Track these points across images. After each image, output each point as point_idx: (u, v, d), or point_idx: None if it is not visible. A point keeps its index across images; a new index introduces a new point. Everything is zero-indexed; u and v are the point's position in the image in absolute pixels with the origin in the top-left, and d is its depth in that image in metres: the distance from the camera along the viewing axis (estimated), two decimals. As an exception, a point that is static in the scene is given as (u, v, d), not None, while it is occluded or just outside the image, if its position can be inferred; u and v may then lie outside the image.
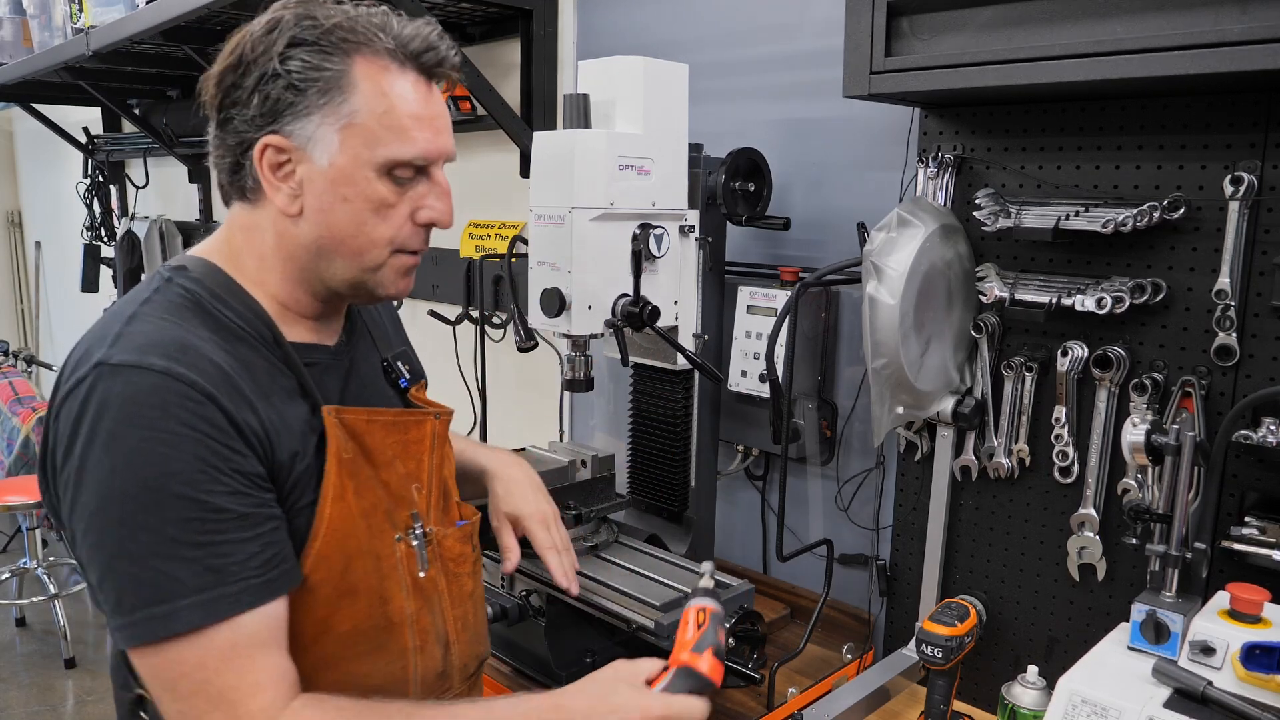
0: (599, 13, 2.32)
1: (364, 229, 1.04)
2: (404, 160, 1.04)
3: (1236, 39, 1.08)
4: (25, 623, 4.24)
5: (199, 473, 0.92)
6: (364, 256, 1.06)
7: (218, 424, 0.94)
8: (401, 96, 1.03)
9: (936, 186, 1.58)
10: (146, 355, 0.93)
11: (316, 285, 1.09)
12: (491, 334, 2.63)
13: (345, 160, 1.02)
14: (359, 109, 1.01)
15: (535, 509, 1.42)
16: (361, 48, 1.01)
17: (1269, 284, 1.30)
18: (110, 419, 0.91)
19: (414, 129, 1.04)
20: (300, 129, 1.00)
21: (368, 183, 1.03)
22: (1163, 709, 1.10)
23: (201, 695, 0.93)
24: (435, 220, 1.09)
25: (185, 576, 0.91)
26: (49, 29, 3.26)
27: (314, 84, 0.99)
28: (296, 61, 0.99)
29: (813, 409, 1.85)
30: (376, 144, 1.02)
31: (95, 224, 4.74)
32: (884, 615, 1.80)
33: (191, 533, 0.92)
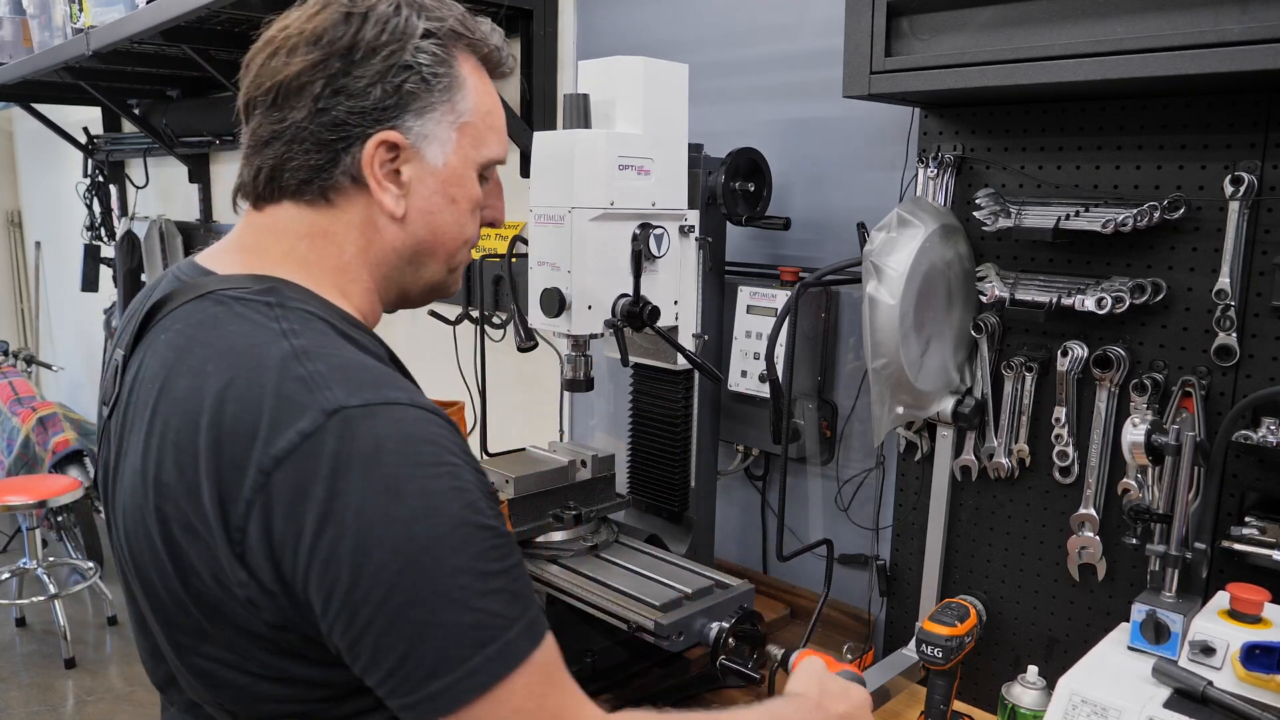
0: (599, 13, 2.32)
1: (464, 230, 1.02)
2: (497, 159, 1.03)
3: (1236, 39, 1.08)
4: (25, 623, 4.24)
5: (480, 498, 0.84)
6: (455, 258, 1.04)
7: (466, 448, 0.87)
8: (493, 95, 1.02)
9: (936, 186, 1.58)
10: (381, 391, 0.84)
11: (393, 292, 1.03)
12: (491, 334, 2.63)
13: (458, 160, 0.98)
14: (470, 108, 0.98)
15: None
16: (462, 44, 0.97)
17: (1269, 284, 1.30)
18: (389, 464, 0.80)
19: (502, 130, 1.03)
20: (419, 125, 0.94)
21: (473, 183, 1.01)
22: (1163, 709, 1.10)
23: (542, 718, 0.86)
24: (495, 219, 1.07)
25: (506, 609, 0.83)
26: (49, 29, 3.26)
27: (440, 79, 0.94)
28: (427, 55, 0.93)
29: (813, 409, 1.85)
30: (481, 144, 1.00)
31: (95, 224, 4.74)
32: (884, 615, 1.80)
33: (498, 561, 0.83)
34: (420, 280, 1.03)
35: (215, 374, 0.85)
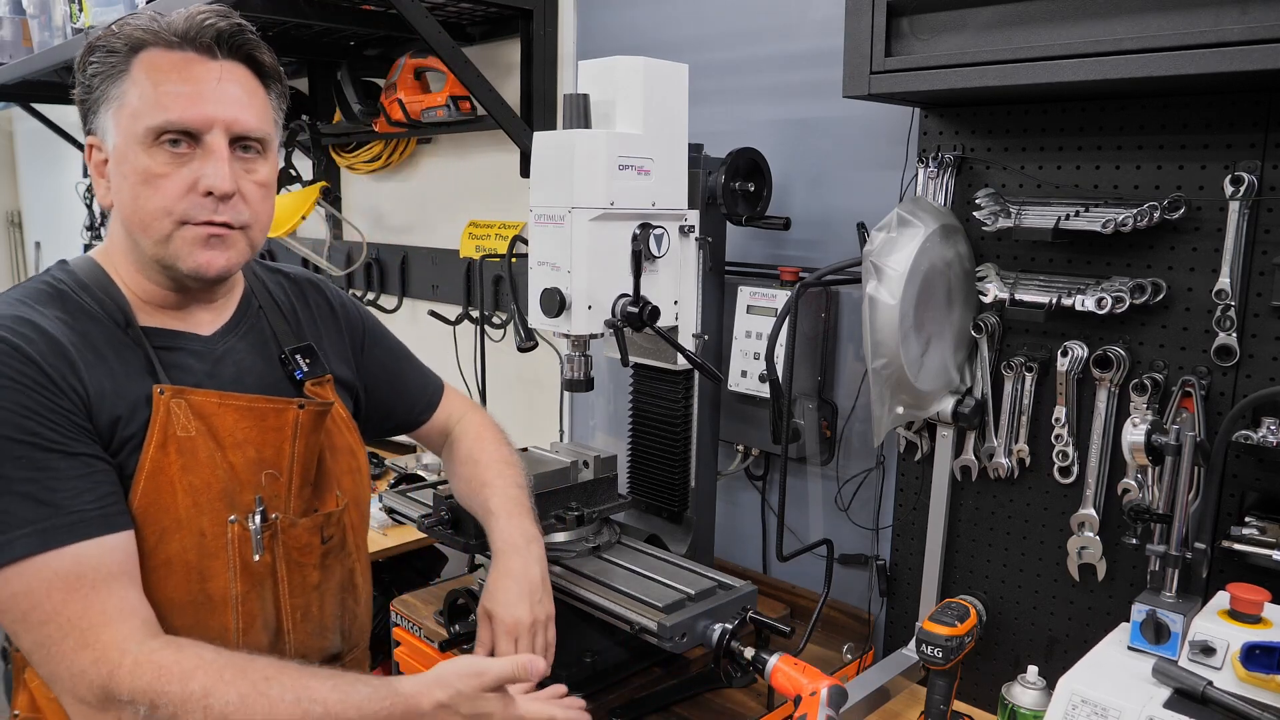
0: (599, 13, 2.32)
1: (139, 202, 1.10)
2: (157, 126, 1.08)
3: (1236, 39, 1.08)
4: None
5: (24, 417, 1.01)
6: (149, 230, 1.11)
7: (40, 381, 1.03)
8: (163, 71, 1.09)
9: (936, 186, 1.58)
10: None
11: (149, 269, 1.16)
12: (491, 334, 2.63)
13: (121, 139, 1.09)
14: (128, 91, 1.09)
15: (510, 616, 1.30)
16: (147, 43, 1.09)
17: (1269, 284, 1.30)
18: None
19: (170, 98, 1.08)
20: (99, 124, 1.12)
21: (135, 156, 1.09)
22: (1163, 709, 1.10)
23: (52, 624, 1.00)
24: (210, 186, 1.10)
25: (18, 509, 0.99)
26: (49, 29, 3.26)
27: (101, 80, 1.10)
28: (93, 65, 1.10)
29: (813, 409, 1.85)
30: (138, 118, 1.08)
31: (95, 224, 4.73)
32: (884, 615, 1.80)
33: (21, 469, 1.00)
34: (148, 255, 1.14)
35: None
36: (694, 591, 1.47)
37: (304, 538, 1.24)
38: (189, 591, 1.13)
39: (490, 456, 1.50)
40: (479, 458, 1.50)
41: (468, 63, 2.16)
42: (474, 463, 1.49)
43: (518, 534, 1.38)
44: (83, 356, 1.07)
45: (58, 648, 1.01)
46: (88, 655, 1.00)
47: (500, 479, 1.45)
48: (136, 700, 1.00)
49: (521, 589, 1.33)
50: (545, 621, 1.34)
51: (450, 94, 2.45)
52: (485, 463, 1.49)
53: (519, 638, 1.31)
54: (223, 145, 1.11)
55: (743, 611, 1.45)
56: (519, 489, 1.46)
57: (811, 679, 1.22)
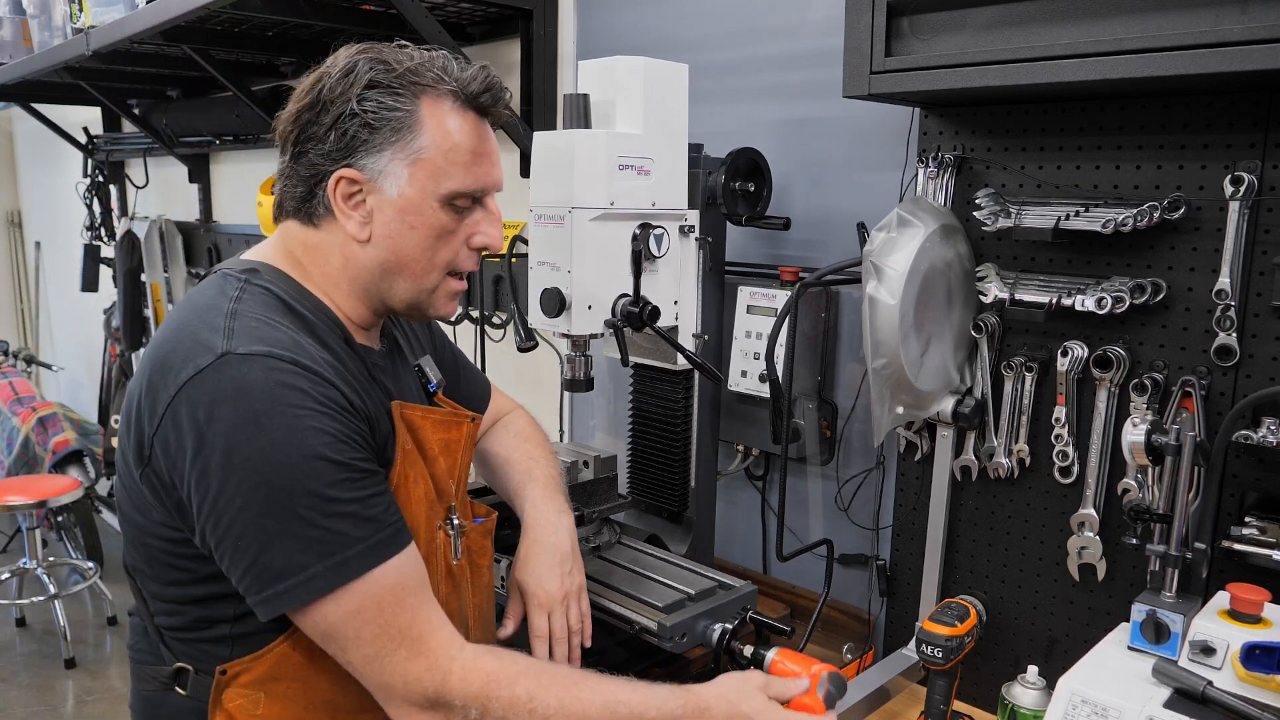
0: (599, 13, 2.32)
1: (426, 254, 1.15)
2: (464, 192, 1.14)
3: (1236, 39, 1.08)
4: (25, 623, 4.24)
5: (342, 442, 1.03)
6: (424, 279, 1.17)
7: (342, 405, 1.06)
8: (463, 133, 1.13)
9: (936, 186, 1.58)
10: (272, 346, 1.04)
11: (375, 302, 1.19)
12: (491, 334, 2.63)
13: (414, 192, 1.12)
14: (426, 145, 1.11)
15: (541, 590, 1.33)
16: (428, 89, 1.11)
17: (1269, 284, 1.30)
18: (257, 400, 1.00)
19: (473, 164, 1.14)
20: (373, 163, 1.11)
21: (433, 213, 1.13)
22: (1163, 709, 1.10)
23: (385, 636, 1.04)
24: (488, 244, 1.18)
25: (350, 529, 1.02)
26: (49, 29, 3.26)
27: (387, 123, 1.10)
28: (371, 102, 1.09)
29: (813, 409, 1.85)
30: (441, 177, 1.12)
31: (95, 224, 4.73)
32: (884, 615, 1.80)
33: (347, 491, 1.03)
34: (396, 295, 1.18)
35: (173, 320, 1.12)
36: (694, 591, 1.47)
37: (480, 541, 1.31)
38: None
39: (540, 441, 1.56)
40: (531, 437, 1.56)
41: (468, 63, 2.16)
42: (526, 439, 1.55)
43: (550, 506, 1.42)
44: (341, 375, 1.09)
45: (391, 659, 1.04)
46: (421, 663, 1.05)
47: (547, 462, 1.52)
48: (468, 704, 1.05)
49: (553, 559, 1.36)
50: (577, 593, 1.37)
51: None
52: (536, 442, 1.55)
53: (551, 611, 1.33)
54: (496, 206, 1.19)
55: (743, 611, 1.45)
56: (561, 475, 1.53)
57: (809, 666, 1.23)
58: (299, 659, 1.12)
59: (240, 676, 1.12)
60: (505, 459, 1.53)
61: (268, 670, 1.12)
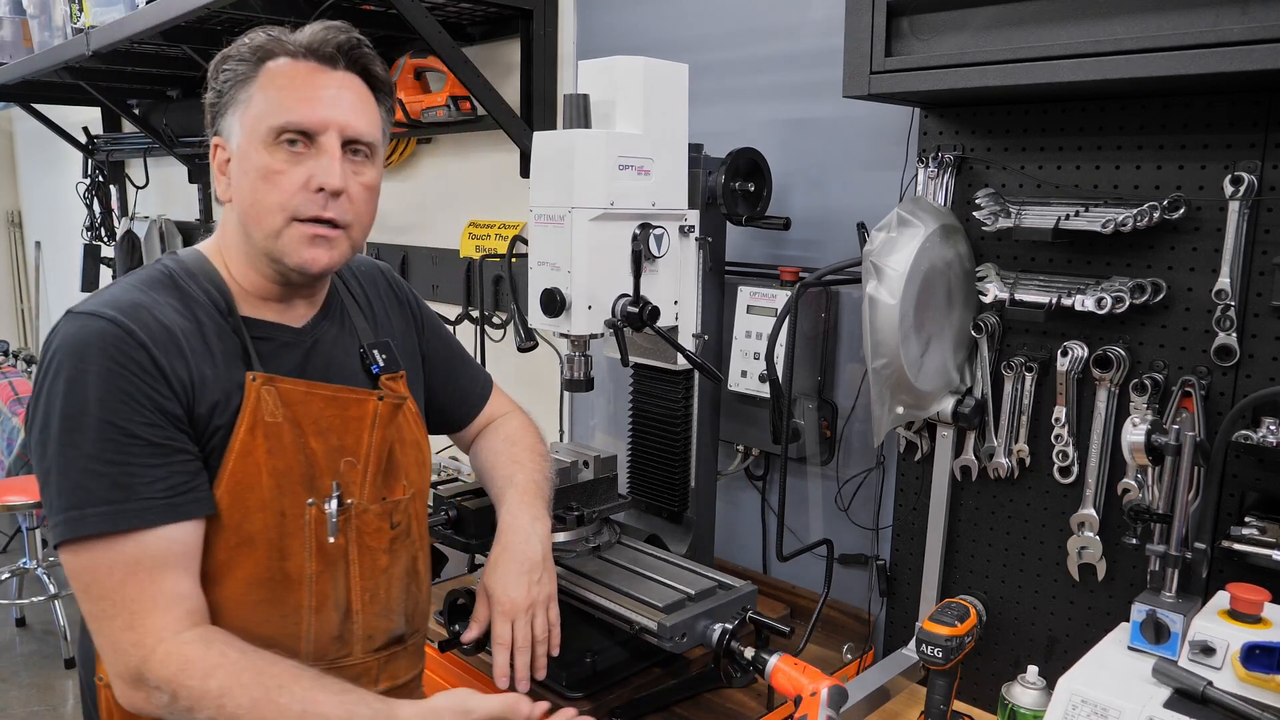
0: (599, 13, 2.32)
1: (257, 196, 1.17)
2: (280, 126, 1.15)
3: (1236, 39, 1.08)
4: (25, 623, 4.24)
5: (120, 403, 1.08)
6: (263, 224, 1.18)
7: (145, 366, 1.10)
8: (287, 77, 1.17)
9: (936, 186, 1.58)
10: (102, 309, 1.11)
11: (259, 262, 1.22)
12: (491, 334, 2.63)
13: (243, 139, 1.17)
14: (255, 96, 1.17)
15: (506, 597, 1.33)
16: (274, 54, 1.18)
17: (1269, 284, 1.30)
18: (62, 354, 1.10)
19: (292, 101, 1.16)
20: (225, 125, 1.19)
21: (257, 154, 1.16)
22: (1163, 709, 1.10)
23: (108, 600, 1.08)
24: (322, 183, 1.17)
25: (97, 488, 1.07)
26: (49, 29, 3.26)
27: (231, 85, 1.18)
28: (226, 72, 1.19)
29: (813, 409, 1.85)
30: (259, 119, 1.16)
31: (95, 224, 4.73)
32: (884, 615, 1.80)
33: (106, 452, 1.07)
34: (258, 248, 1.20)
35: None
36: (694, 591, 1.47)
37: (375, 523, 1.28)
38: (268, 568, 1.19)
39: (530, 445, 1.54)
40: (519, 440, 1.54)
41: (468, 63, 2.16)
42: (513, 442, 1.54)
43: (525, 513, 1.41)
44: (190, 343, 1.15)
45: (109, 624, 1.09)
46: (131, 637, 1.08)
47: (533, 465, 1.50)
48: (161, 688, 1.07)
49: (521, 567, 1.35)
50: (545, 601, 1.36)
51: (450, 94, 2.45)
52: (525, 446, 1.53)
53: (515, 619, 1.33)
54: (335, 146, 1.18)
55: (743, 611, 1.45)
56: (545, 479, 1.50)
57: (812, 679, 1.22)
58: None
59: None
60: (490, 464, 1.52)
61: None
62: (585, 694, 1.49)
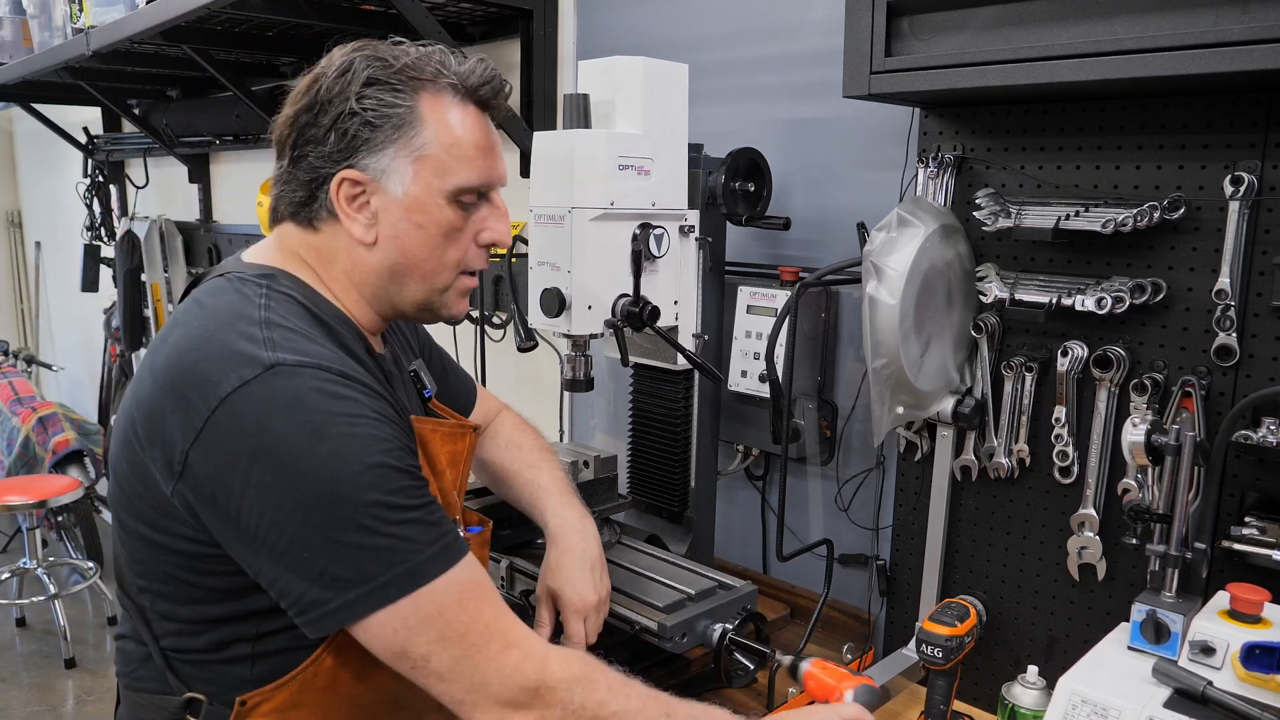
0: (599, 13, 2.32)
1: (435, 253, 1.13)
2: (471, 187, 1.12)
3: (1236, 39, 1.08)
4: (25, 623, 4.24)
5: (399, 448, 1.02)
6: (435, 279, 1.14)
7: (390, 415, 1.04)
8: (466, 128, 1.11)
9: (936, 186, 1.58)
10: (317, 359, 1.01)
11: (384, 306, 1.17)
12: (491, 334, 2.63)
13: (419, 189, 1.09)
14: (429, 141, 1.08)
15: (578, 596, 1.34)
16: (428, 84, 1.09)
17: (1269, 284, 1.30)
18: (313, 412, 0.97)
19: (478, 158, 1.12)
20: (375, 162, 1.08)
21: (440, 209, 1.11)
22: (1163, 709, 1.10)
23: (472, 634, 1.00)
24: (496, 240, 1.16)
25: (417, 535, 0.99)
26: (49, 29, 3.26)
27: (388, 120, 1.07)
28: (371, 100, 1.06)
29: (813, 409, 1.85)
30: (446, 173, 1.10)
31: (95, 224, 4.73)
32: (884, 615, 1.80)
33: (411, 498, 1.00)
34: (405, 298, 1.15)
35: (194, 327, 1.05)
36: (694, 591, 1.47)
37: (479, 551, 1.29)
38: None
39: (533, 444, 1.55)
40: (521, 443, 1.55)
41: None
42: (517, 447, 1.54)
43: (573, 514, 1.42)
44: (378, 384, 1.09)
45: (482, 654, 1.01)
46: (516, 653, 1.02)
47: (545, 463, 1.51)
48: (572, 685, 1.03)
49: (584, 564, 1.36)
50: (608, 597, 1.39)
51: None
52: (529, 447, 1.54)
53: (588, 618, 1.34)
54: (502, 201, 1.17)
55: (743, 611, 1.45)
56: (564, 473, 1.51)
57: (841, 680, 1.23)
58: (323, 684, 1.09)
59: (261, 706, 1.08)
60: (504, 474, 1.52)
61: (289, 698, 1.08)
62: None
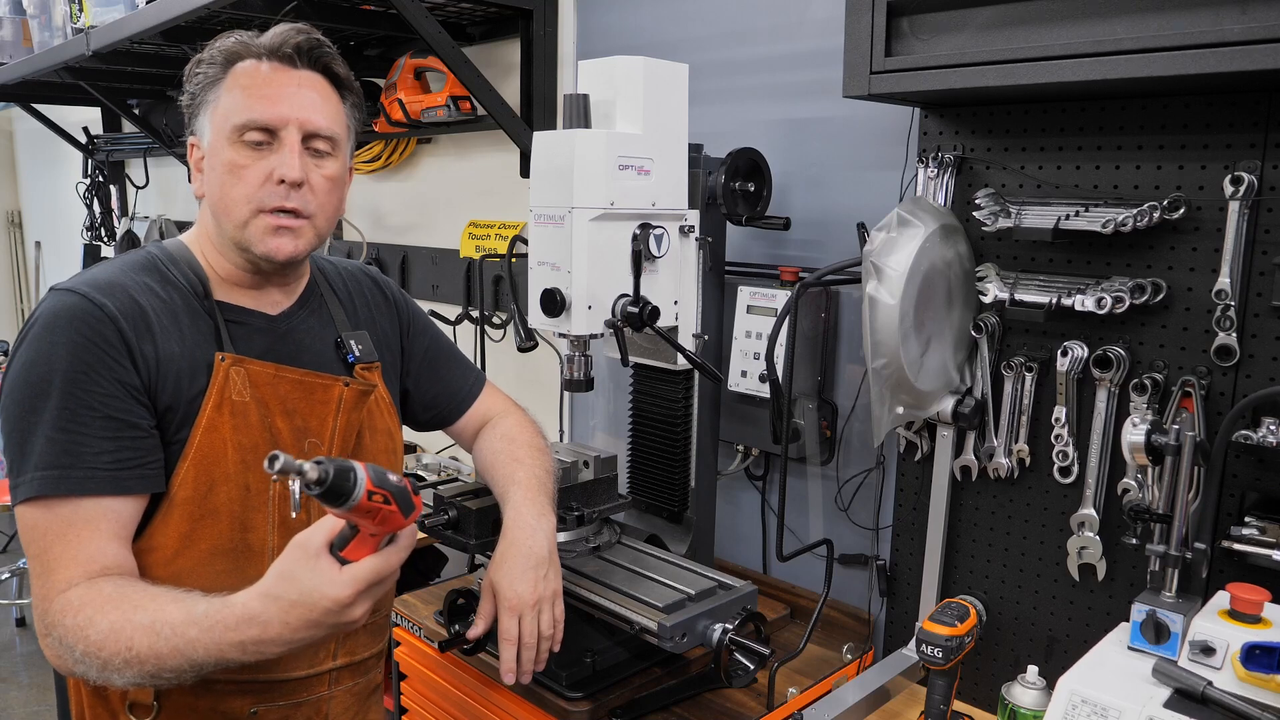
0: (599, 13, 2.32)
1: (225, 190, 1.24)
2: (244, 123, 1.22)
3: (1236, 39, 1.08)
4: (25, 623, 4.24)
5: (80, 373, 1.14)
6: (231, 215, 1.24)
7: (112, 341, 1.16)
8: (250, 77, 1.24)
9: (936, 186, 1.58)
10: (80, 285, 1.19)
11: (233, 254, 1.29)
12: (491, 334, 2.63)
13: (212, 137, 1.25)
14: (223, 97, 1.24)
15: (513, 593, 1.33)
16: (240, 58, 1.25)
17: (1269, 284, 1.30)
18: (38, 326, 1.17)
19: (254, 100, 1.22)
20: (199, 125, 1.27)
21: (223, 149, 1.23)
22: (1163, 709, 1.10)
23: (38, 559, 1.15)
24: (282, 175, 1.23)
25: (48, 454, 1.13)
26: (49, 29, 3.26)
27: (202, 87, 1.26)
28: (199, 77, 1.26)
29: (813, 409, 1.85)
30: (227, 117, 1.23)
31: (95, 224, 4.73)
32: (884, 615, 1.80)
33: (62, 420, 1.14)
34: (229, 239, 1.27)
35: None
36: (694, 591, 1.47)
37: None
38: (231, 539, 1.24)
39: (529, 442, 1.56)
40: (517, 437, 1.56)
41: (468, 63, 2.16)
42: (511, 440, 1.56)
43: (531, 509, 1.42)
44: (161, 322, 1.21)
45: (35, 579, 1.15)
46: (40, 588, 1.14)
47: (533, 462, 1.51)
48: (52, 632, 1.12)
49: (527, 562, 1.35)
50: (551, 598, 1.37)
51: (450, 94, 2.45)
52: (523, 443, 1.55)
53: (523, 615, 1.34)
54: (294, 140, 1.24)
55: (743, 611, 1.45)
56: (547, 474, 1.51)
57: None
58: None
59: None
60: (491, 463, 1.54)
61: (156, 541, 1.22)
62: (585, 694, 1.49)
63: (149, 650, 1.07)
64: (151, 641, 1.07)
